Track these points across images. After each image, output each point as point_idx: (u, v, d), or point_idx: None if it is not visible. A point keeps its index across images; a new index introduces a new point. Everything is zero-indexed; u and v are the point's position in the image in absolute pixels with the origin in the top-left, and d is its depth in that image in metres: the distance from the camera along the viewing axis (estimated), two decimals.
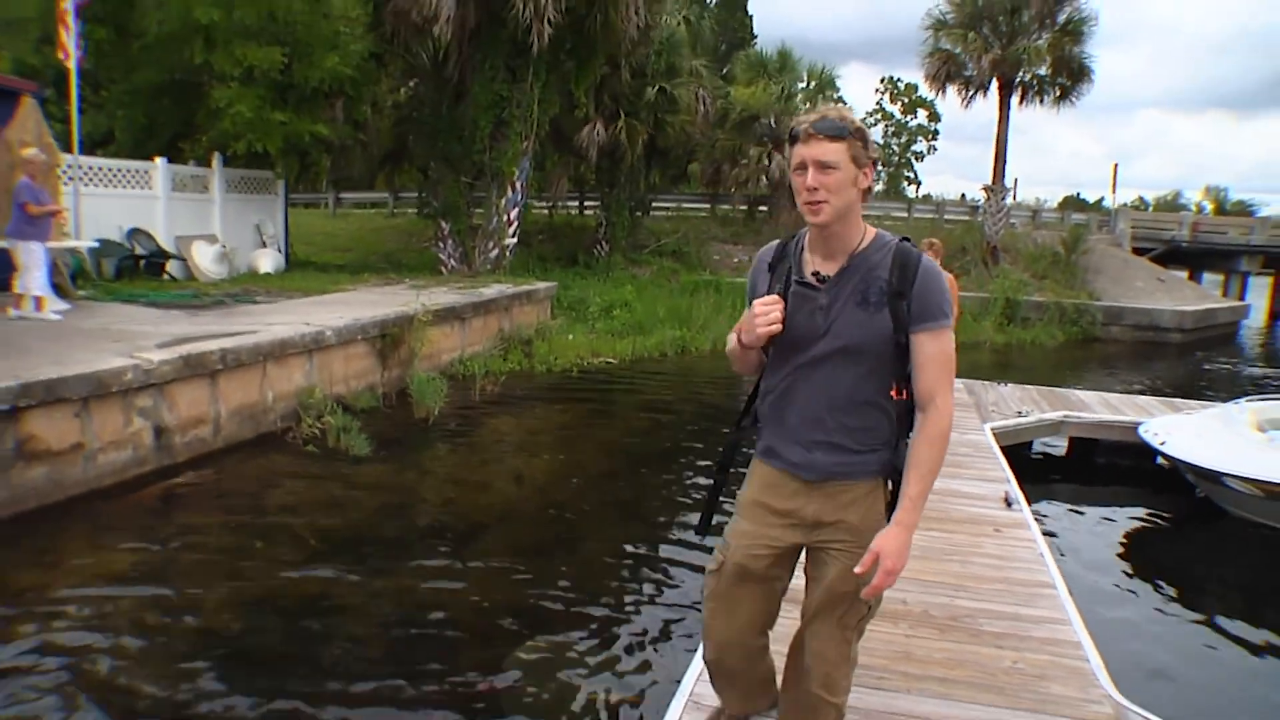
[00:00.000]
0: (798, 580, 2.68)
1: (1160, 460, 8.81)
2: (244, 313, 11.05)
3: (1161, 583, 6.62)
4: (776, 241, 2.56)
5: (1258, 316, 32.51)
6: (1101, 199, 38.79)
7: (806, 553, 2.57)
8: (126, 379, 7.29)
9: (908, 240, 2.41)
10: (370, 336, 10.54)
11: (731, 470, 2.68)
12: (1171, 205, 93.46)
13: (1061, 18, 23.15)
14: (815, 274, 2.39)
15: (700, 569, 6.00)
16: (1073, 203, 76.02)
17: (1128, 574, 6.74)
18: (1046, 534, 6.13)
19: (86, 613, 5.28)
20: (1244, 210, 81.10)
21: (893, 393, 2.37)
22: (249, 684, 4.55)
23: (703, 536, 2.74)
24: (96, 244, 12.31)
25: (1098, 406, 9.88)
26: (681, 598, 5.76)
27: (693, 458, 9.43)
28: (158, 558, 6.24)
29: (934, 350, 2.32)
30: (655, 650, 5.07)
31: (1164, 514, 8.27)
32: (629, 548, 6.79)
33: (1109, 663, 3.94)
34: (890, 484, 2.45)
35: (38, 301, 9.68)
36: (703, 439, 10.15)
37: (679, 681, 3.57)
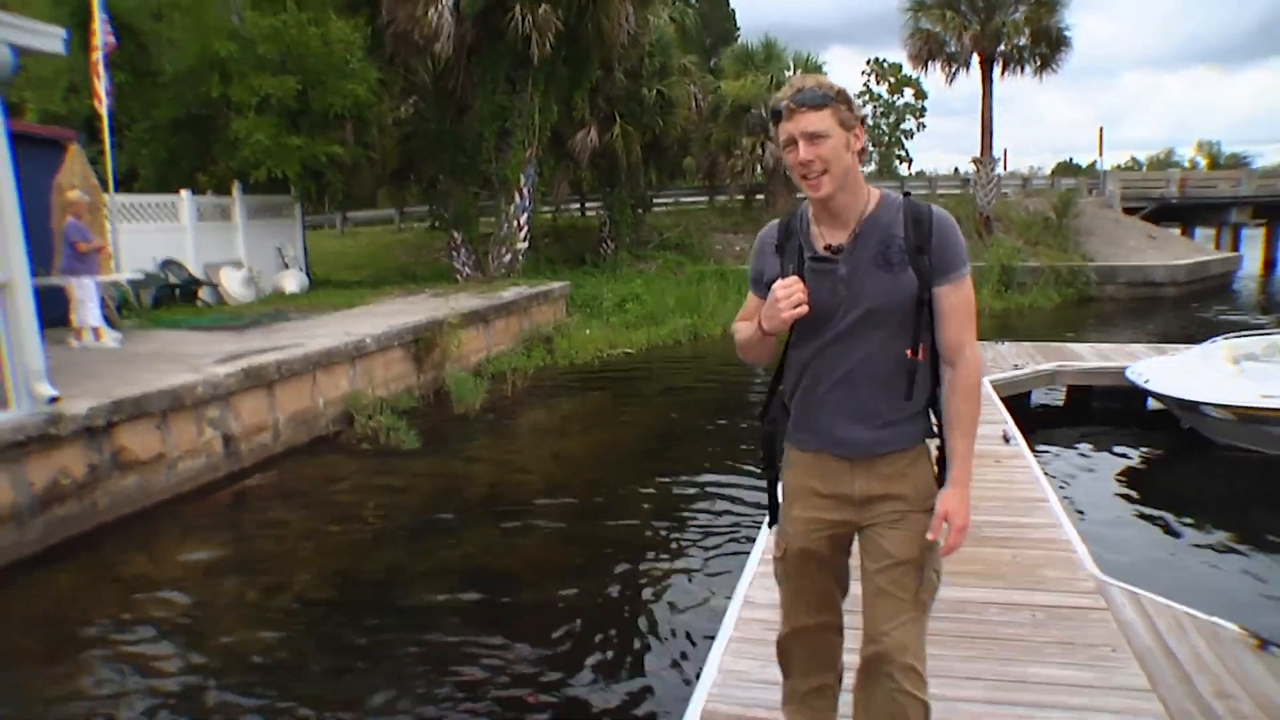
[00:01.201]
0: (854, 631, 2.60)
1: (1151, 402, 9.50)
2: (282, 329, 11.74)
3: (1146, 498, 7.50)
4: (776, 222, 2.50)
5: (1252, 266, 33.12)
6: (1094, 163, 39.27)
7: (860, 535, 2.47)
8: (198, 392, 8.00)
9: (909, 195, 2.40)
10: (405, 342, 11.26)
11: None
12: (1165, 163, 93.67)
13: None
14: (828, 246, 2.33)
15: (732, 526, 6.79)
16: (1066, 169, 76.49)
17: (1117, 494, 7.61)
18: (1043, 466, 6.83)
19: (191, 597, 5.95)
20: (1238, 163, 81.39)
21: (908, 352, 2.31)
22: (347, 642, 5.24)
23: (772, 527, 2.64)
24: (141, 276, 13.03)
25: (1090, 356, 10.56)
26: (718, 550, 6.46)
27: (714, 431, 10.13)
28: (246, 546, 6.96)
29: (957, 301, 2.30)
30: (697, 596, 5.72)
31: (1154, 448, 8.98)
32: (665, 509, 7.51)
33: (1095, 555, 4.63)
34: (934, 445, 2.43)
35: (95, 332, 10.38)
36: (723, 414, 10.86)
37: (719, 623, 4.18)
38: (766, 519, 2.75)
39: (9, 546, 6.30)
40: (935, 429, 2.40)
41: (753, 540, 5.38)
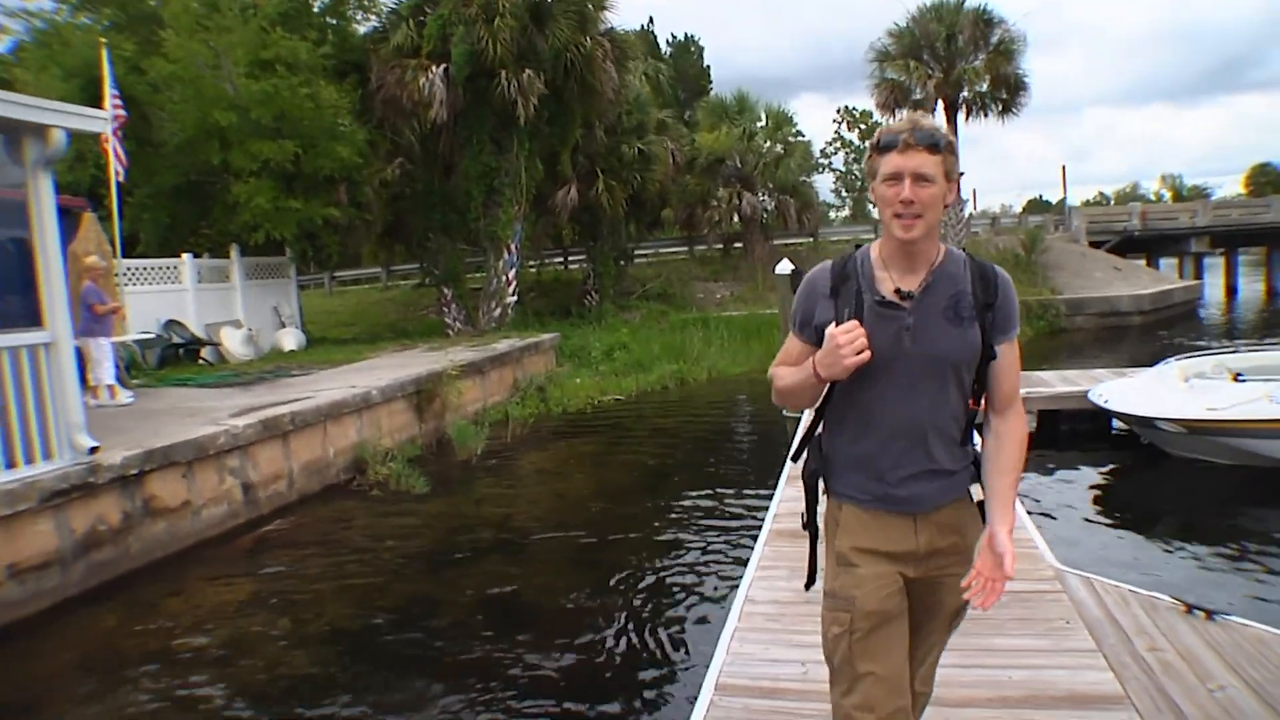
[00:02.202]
0: None
1: (1116, 423, 10.13)
2: (288, 385, 12.24)
3: (1107, 504, 8.29)
4: (828, 264, 2.41)
5: (1215, 294, 34.19)
6: (1063, 199, 40.55)
7: (910, 584, 2.39)
8: (219, 443, 8.49)
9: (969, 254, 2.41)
10: (408, 394, 11.79)
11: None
12: (1131, 197, 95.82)
13: (994, 39, 24.96)
14: (898, 291, 2.28)
15: (725, 544, 7.32)
16: (1036, 205, 78.26)
17: (1080, 501, 8.39)
18: None
19: (226, 631, 6.38)
20: (1200, 195, 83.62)
21: (971, 403, 2.34)
22: (377, 662, 5.72)
23: (809, 590, 2.59)
24: (153, 335, 13.54)
25: (1056, 382, 11.19)
26: (716, 564, 7.01)
27: (703, 466, 10.68)
28: (272, 584, 7.40)
29: (1013, 358, 2.36)
30: (691, 621, 6.25)
31: (1118, 463, 9.63)
32: (661, 535, 8.04)
33: (1057, 552, 5.21)
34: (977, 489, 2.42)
35: (110, 390, 10.86)
36: (710, 452, 11.44)
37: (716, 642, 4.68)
38: (804, 581, 2.59)
39: (55, 588, 6.74)
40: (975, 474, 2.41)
41: (746, 557, 5.90)
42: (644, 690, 5.11)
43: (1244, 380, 8.74)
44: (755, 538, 6.08)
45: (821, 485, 2.47)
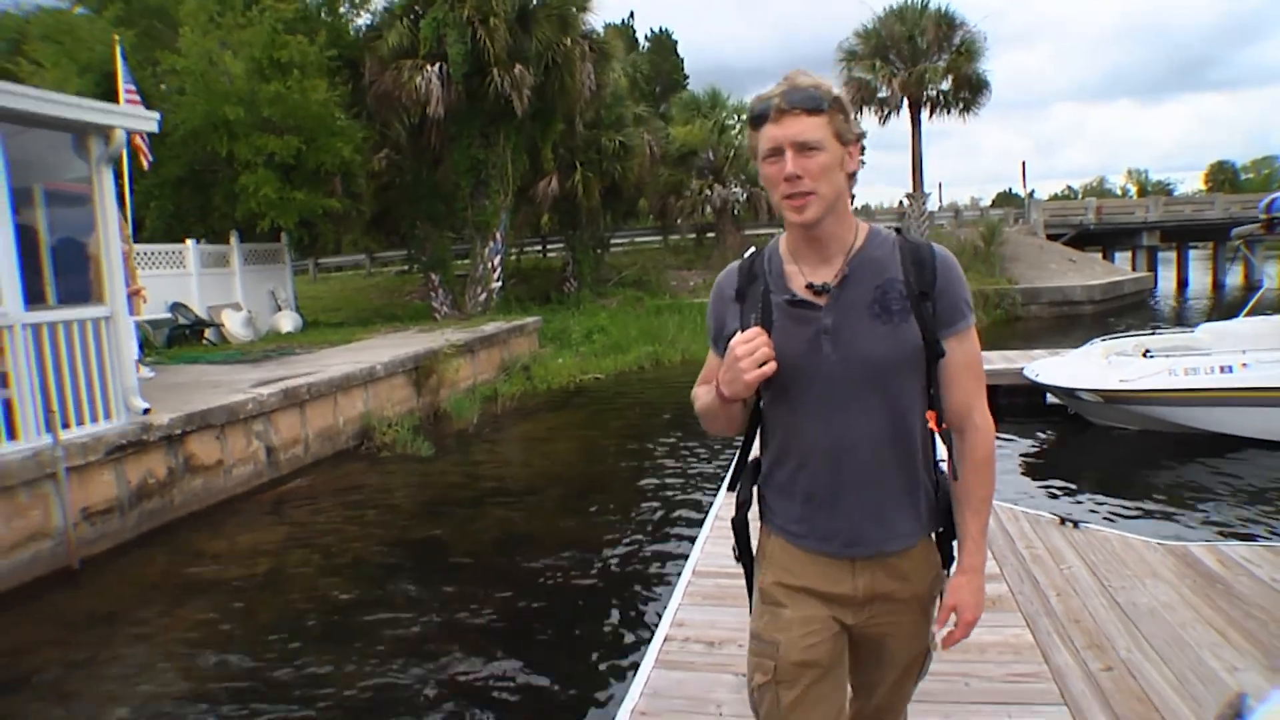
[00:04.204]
0: None
1: (1049, 397, 11.35)
2: (294, 362, 13.18)
3: (1031, 461, 9.56)
4: (735, 265, 2.06)
5: (1168, 286, 35.82)
6: (1032, 192, 42.07)
7: (853, 634, 2.02)
8: (248, 409, 9.49)
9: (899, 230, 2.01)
10: (408, 369, 12.80)
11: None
12: (1097, 191, 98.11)
13: (956, 40, 26.22)
14: (810, 286, 1.89)
15: (692, 500, 8.46)
16: (1006, 198, 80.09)
17: (1009, 461, 9.48)
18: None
19: (267, 565, 7.41)
20: (1163, 190, 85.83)
21: (932, 423, 1.93)
22: (401, 589, 6.78)
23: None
24: (168, 317, 14.46)
25: (998, 360, 12.41)
26: (681, 516, 8.14)
27: (676, 433, 11.77)
28: (301, 529, 8.41)
29: (964, 356, 1.92)
30: (667, 545, 7.39)
31: (1048, 431, 10.83)
32: (638, 488, 9.19)
33: None
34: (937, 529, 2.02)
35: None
36: (682, 422, 12.54)
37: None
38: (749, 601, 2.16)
39: (116, 531, 7.74)
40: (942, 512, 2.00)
41: (708, 509, 6.97)
42: (626, 596, 6.22)
43: (1152, 356, 9.96)
44: (715, 491, 7.24)
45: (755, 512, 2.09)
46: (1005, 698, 3.30)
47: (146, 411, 8.11)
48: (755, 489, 2.08)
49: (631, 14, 43.75)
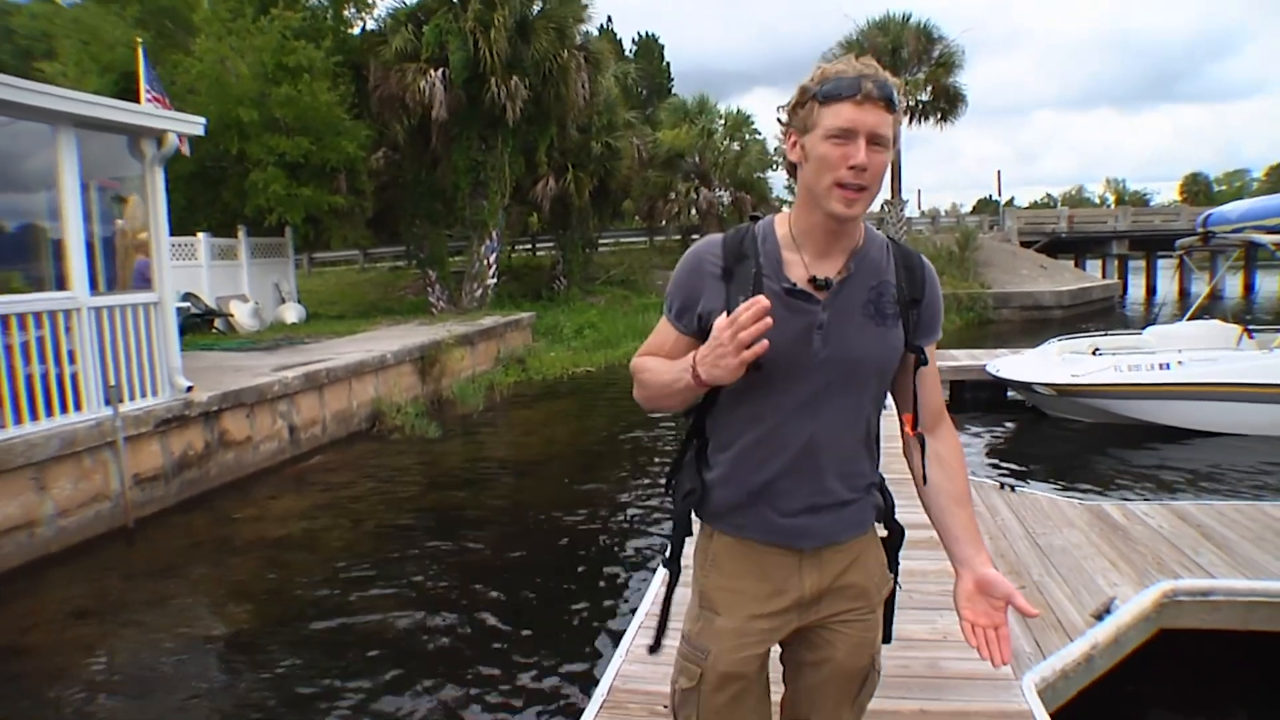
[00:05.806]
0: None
1: (1011, 392, 12.33)
2: (306, 350, 13.98)
3: (991, 446, 10.50)
4: (718, 238, 1.89)
5: (1138, 293, 37.05)
6: (1012, 199, 43.27)
7: (796, 635, 1.97)
8: (274, 390, 10.32)
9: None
10: (414, 358, 13.65)
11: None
12: (1076, 199, 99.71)
13: (935, 53, 27.29)
14: (813, 280, 1.79)
15: None
16: (986, 204, 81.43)
17: (972, 450, 10.35)
18: None
19: (300, 527, 8.25)
20: (1140, 200, 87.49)
21: (909, 428, 1.98)
22: (426, 547, 7.66)
23: (654, 652, 2.04)
24: (184, 304, 15.21)
25: (963, 357, 13.39)
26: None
27: (666, 421, 12.68)
28: (328, 497, 9.26)
29: (934, 364, 1.97)
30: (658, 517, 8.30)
31: (1008, 422, 11.82)
32: (632, 464, 10.10)
33: None
34: (881, 525, 2.03)
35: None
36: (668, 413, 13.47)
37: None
38: (652, 639, 2.05)
39: (160, 497, 8.56)
40: (886, 510, 2.01)
41: None
42: (628, 546, 7.14)
43: (1100, 355, 10.96)
44: None
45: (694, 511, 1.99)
46: (936, 605, 4.20)
47: (189, 390, 8.93)
48: (700, 480, 1.96)
49: (610, 19, 44.51)
